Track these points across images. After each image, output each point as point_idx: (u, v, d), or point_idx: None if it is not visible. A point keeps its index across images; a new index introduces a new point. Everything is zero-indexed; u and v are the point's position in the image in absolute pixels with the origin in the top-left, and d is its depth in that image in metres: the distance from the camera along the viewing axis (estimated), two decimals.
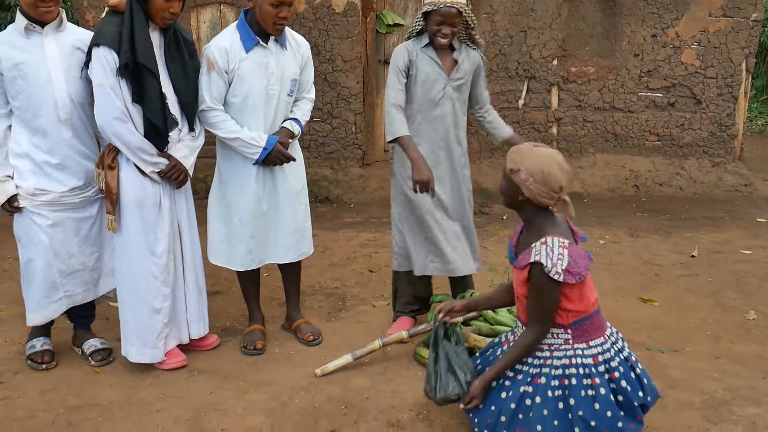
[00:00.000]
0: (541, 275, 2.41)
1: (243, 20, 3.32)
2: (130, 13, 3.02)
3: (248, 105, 3.34)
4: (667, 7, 6.57)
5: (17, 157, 3.20)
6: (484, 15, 6.62)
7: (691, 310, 4.07)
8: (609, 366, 2.50)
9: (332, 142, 6.71)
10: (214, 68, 3.24)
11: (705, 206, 6.35)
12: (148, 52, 3.06)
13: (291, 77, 3.42)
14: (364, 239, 5.47)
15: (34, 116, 3.14)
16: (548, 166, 2.43)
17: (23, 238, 3.30)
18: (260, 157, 3.33)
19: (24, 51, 3.09)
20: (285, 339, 3.72)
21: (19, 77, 3.09)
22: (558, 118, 6.84)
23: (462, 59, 3.51)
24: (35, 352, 3.41)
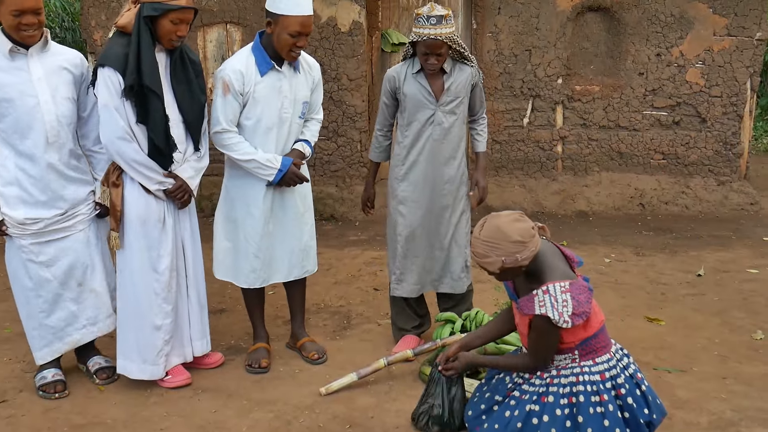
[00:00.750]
0: (546, 324, 2.42)
1: (258, 43, 3.34)
2: (137, 35, 3.04)
3: (261, 127, 3.36)
4: (671, 27, 6.59)
5: (5, 185, 3.13)
6: (489, 34, 6.65)
7: (697, 329, 4.04)
8: (615, 383, 2.49)
9: (337, 160, 6.73)
10: (229, 91, 3.26)
11: (711, 225, 6.33)
12: (154, 74, 3.07)
13: (303, 100, 3.45)
14: (369, 257, 5.47)
15: (21, 139, 3.09)
16: (504, 234, 2.40)
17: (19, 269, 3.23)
18: (275, 179, 3.34)
19: (8, 73, 3.03)
20: (290, 357, 3.71)
21: (5, 100, 3.03)
22: (563, 137, 6.85)
23: (451, 82, 3.52)
24: (46, 383, 3.32)
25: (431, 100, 3.50)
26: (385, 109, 3.63)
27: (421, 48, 3.39)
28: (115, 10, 6.57)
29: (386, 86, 3.58)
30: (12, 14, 2.91)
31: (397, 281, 3.70)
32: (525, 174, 6.93)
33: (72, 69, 3.18)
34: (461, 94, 3.57)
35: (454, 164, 3.63)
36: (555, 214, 6.69)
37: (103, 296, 3.36)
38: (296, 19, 3.19)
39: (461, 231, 3.70)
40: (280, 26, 3.20)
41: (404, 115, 3.57)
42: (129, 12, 3.10)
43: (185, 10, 3.06)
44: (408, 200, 3.62)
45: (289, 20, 3.19)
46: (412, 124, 3.56)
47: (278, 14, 3.20)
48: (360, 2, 6.47)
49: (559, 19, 6.62)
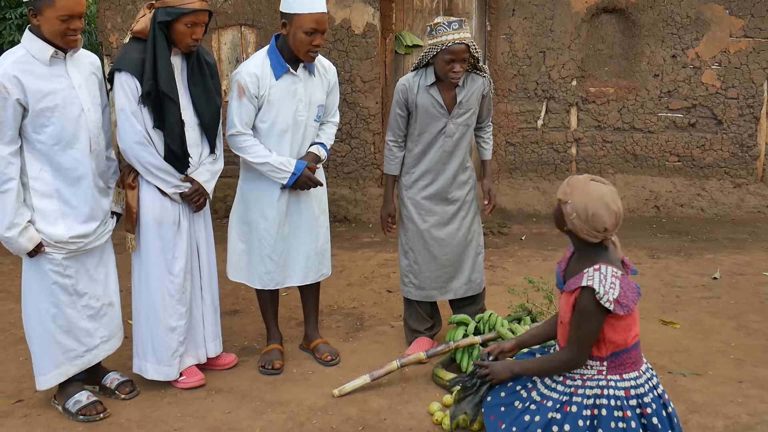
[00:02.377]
0: (590, 301, 2.37)
1: (273, 46, 3.35)
2: (153, 41, 3.05)
3: (276, 130, 3.37)
4: (686, 28, 6.55)
5: (42, 197, 2.96)
6: (503, 36, 6.64)
7: (713, 332, 4.01)
8: (641, 401, 2.45)
9: (351, 162, 6.74)
10: (245, 94, 3.27)
11: (727, 227, 6.28)
12: (170, 79, 3.08)
13: (318, 103, 3.46)
14: (382, 259, 5.47)
15: (64, 150, 2.95)
16: (594, 206, 2.36)
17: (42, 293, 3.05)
18: (289, 182, 3.36)
19: (50, 81, 2.90)
20: (303, 359, 3.72)
21: (48, 110, 2.88)
22: (577, 139, 6.82)
23: (464, 95, 3.51)
24: (85, 407, 3.12)
25: (443, 113, 3.50)
26: (399, 119, 3.58)
27: (444, 56, 3.33)
28: (131, 13, 6.62)
29: (398, 97, 3.55)
30: (60, 19, 2.80)
31: (409, 285, 3.70)
32: (539, 176, 6.90)
33: (97, 73, 3.15)
34: (473, 105, 3.56)
35: (465, 172, 3.64)
36: None
37: (118, 309, 3.31)
38: (311, 17, 3.20)
39: (473, 234, 3.70)
40: (295, 26, 3.22)
41: (415, 125, 3.56)
42: (144, 18, 3.11)
43: (199, 13, 3.07)
44: (418, 206, 3.62)
45: (303, 18, 3.20)
46: (423, 134, 3.56)
47: (292, 14, 3.21)
48: (374, 4, 6.48)
49: (574, 21, 6.59)
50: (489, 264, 5.11)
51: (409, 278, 3.70)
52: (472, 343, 3.40)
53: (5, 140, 2.85)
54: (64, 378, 3.13)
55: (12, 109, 2.82)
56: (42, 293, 3.05)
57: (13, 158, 2.86)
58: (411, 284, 3.70)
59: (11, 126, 2.84)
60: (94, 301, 3.15)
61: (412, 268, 3.68)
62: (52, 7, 2.79)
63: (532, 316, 3.69)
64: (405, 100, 3.54)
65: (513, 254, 5.60)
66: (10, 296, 4.70)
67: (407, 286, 3.71)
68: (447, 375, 3.33)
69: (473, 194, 3.70)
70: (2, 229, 2.87)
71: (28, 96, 2.84)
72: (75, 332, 3.11)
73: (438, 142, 3.55)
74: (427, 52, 3.42)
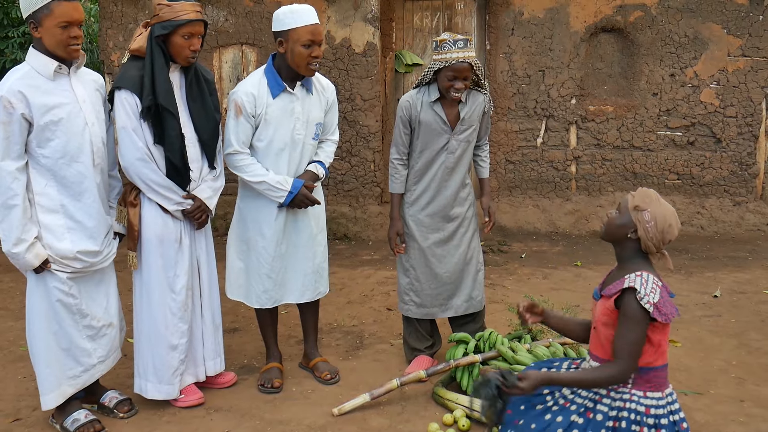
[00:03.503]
0: (632, 303, 2.39)
1: (271, 66, 3.36)
2: (151, 57, 3.08)
3: (273, 149, 3.38)
4: (685, 47, 6.59)
5: (47, 213, 2.96)
6: (502, 55, 6.68)
7: (714, 351, 4.00)
8: (658, 422, 2.44)
9: (351, 179, 6.76)
10: (242, 113, 3.28)
11: (727, 246, 6.28)
12: (169, 93, 3.10)
13: (316, 121, 3.46)
14: (382, 277, 5.46)
15: (69, 164, 2.96)
16: (671, 218, 2.45)
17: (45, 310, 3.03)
18: (286, 201, 3.36)
19: (55, 95, 2.91)
20: (302, 377, 3.70)
21: (53, 123, 2.89)
22: (577, 157, 6.84)
23: (466, 111, 3.53)
24: (82, 425, 3.10)
25: (446, 129, 3.52)
26: (402, 137, 3.60)
27: (447, 74, 3.37)
28: (132, 31, 6.67)
29: (402, 113, 3.57)
30: (60, 27, 2.82)
31: (410, 303, 3.69)
32: (539, 194, 6.92)
33: (101, 90, 3.18)
34: (475, 122, 3.58)
35: (465, 189, 3.66)
36: (569, 234, 6.67)
37: (117, 330, 3.29)
38: (306, 29, 3.23)
39: (473, 250, 3.71)
40: (292, 41, 3.24)
41: (417, 142, 3.58)
42: (140, 36, 3.13)
43: (194, 24, 3.09)
44: (419, 224, 3.63)
45: (299, 32, 3.22)
46: (424, 151, 3.57)
47: (287, 30, 3.24)
48: (374, 23, 6.53)
49: (573, 40, 6.64)
50: (489, 282, 5.10)
51: (409, 296, 3.69)
52: (472, 362, 3.39)
53: (12, 155, 2.86)
54: (63, 399, 3.11)
55: (18, 124, 2.84)
56: (46, 311, 3.04)
57: (19, 174, 2.88)
58: (411, 302, 3.69)
59: (17, 141, 2.86)
60: (95, 321, 3.14)
61: (413, 286, 3.67)
62: (50, 16, 2.81)
63: (533, 335, 3.68)
64: (408, 117, 3.56)
65: (513, 272, 5.59)
66: (10, 314, 4.69)
67: (407, 304, 3.71)
68: (447, 394, 3.31)
69: (473, 211, 3.71)
70: (9, 245, 2.88)
71: (33, 110, 2.85)
72: (74, 351, 3.10)
73: (440, 159, 3.56)
74: (431, 68, 3.45)
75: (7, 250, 2.89)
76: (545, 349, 3.35)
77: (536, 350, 3.33)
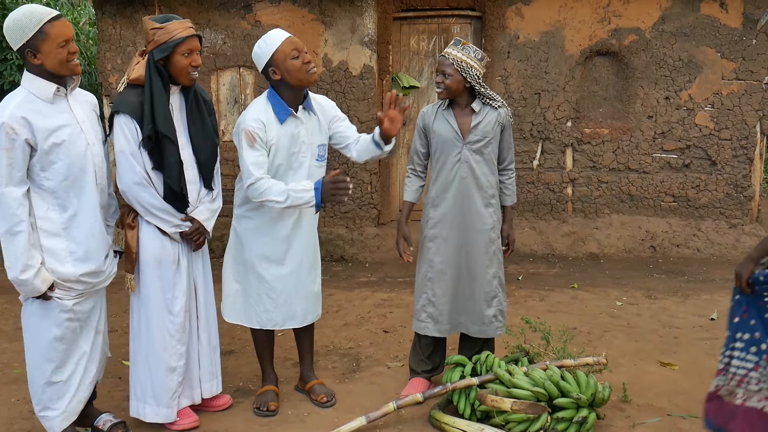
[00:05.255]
0: None
1: (273, 92, 3.36)
2: (150, 84, 3.08)
3: (279, 175, 3.36)
4: (679, 71, 6.65)
5: (50, 237, 2.96)
6: (498, 78, 6.73)
7: (712, 374, 3.94)
8: None
9: (348, 201, 6.76)
10: (255, 140, 3.25)
11: (723, 268, 6.28)
12: (168, 120, 3.11)
13: (318, 143, 3.46)
14: (378, 299, 5.45)
15: (71, 186, 2.96)
16: None
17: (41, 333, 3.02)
18: (317, 199, 3.26)
19: (55, 118, 2.91)
20: (298, 400, 3.68)
21: (56, 146, 2.89)
22: (573, 179, 6.86)
23: (479, 121, 3.54)
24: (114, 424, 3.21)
25: (458, 138, 3.53)
26: (418, 147, 3.65)
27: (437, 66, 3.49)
28: (130, 54, 6.71)
29: (419, 124, 3.64)
30: (60, 45, 2.84)
31: (425, 319, 3.64)
32: (535, 216, 6.93)
33: (96, 110, 3.19)
34: (489, 134, 3.55)
35: (489, 210, 3.59)
36: (565, 257, 6.67)
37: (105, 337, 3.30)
38: (285, 43, 3.26)
39: (494, 275, 3.64)
40: (281, 62, 3.25)
41: (435, 155, 3.60)
42: (139, 65, 3.13)
43: (192, 39, 3.10)
44: (437, 238, 3.61)
45: (280, 51, 3.25)
46: (441, 162, 3.58)
47: (271, 56, 3.26)
48: (371, 46, 6.58)
49: (568, 63, 6.69)
50: None
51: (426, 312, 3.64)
52: (469, 385, 3.37)
53: (15, 181, 2.85)
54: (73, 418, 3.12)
55: (21, 150, 2.83)
56: (44, 336, 3.02)
57: (24, 200, 2.87)
58: (428, 317, 3.64)
59: (20, 167, 2.85)
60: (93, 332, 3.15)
61: (427, 301, 3.63)
62: (47, 39, 2.82)
63: (530, 357, 3.67)
64: (424, 127, 3.62)
65: (510, 294, 5.58)
66: (4, 335, 4.67)
67: (423, 319, 3.65)
68: (444, 417, 3.29)
69: (497, 234, 3.65)
70: (17, 272, 2.85)
71: (37, 135, 2.85)
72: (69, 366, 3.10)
73: (454, 170, 3.54)
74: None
75: (14, 277, 2.86)
76: (542, 372, 3.33)
77: (533, 373, 3.32)
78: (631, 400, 3.59)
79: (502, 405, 3.14)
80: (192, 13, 6.60)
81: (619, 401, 3.58)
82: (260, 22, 6.63)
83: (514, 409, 3.13)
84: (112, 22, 6.74)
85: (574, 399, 3.17)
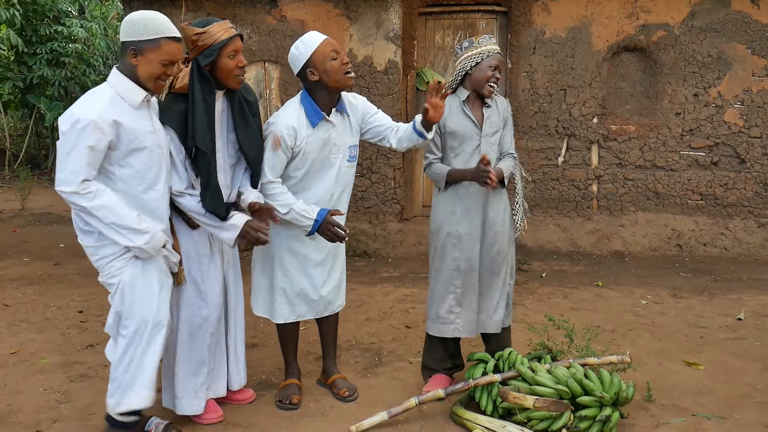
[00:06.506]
0: None
1: (306, 95, 3.36)
2: (193, 92, 3.04)
3: (311, 176, 3.38)
4: (708, 67, 6.56)
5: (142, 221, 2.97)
6: (524, 74, 6.69)
7: (738, 375, 3.93)
8: None
9: (371, 196, 6.77)
10: (280, 146, 3.27)
11: (751, 267, 6.19)
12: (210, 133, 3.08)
13: (349, 145, 3.47)
14: (401, 294, 5.45)
15: (146, 189, 2.96)
16: None
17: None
18: (312, 230, 3.34)
19: (139, 123, 2.91)
20: (320, 394, 3.69)
21: (138, 151, 2.90)
22: (598, 176, 6.80)
23: (491, 112, 3.55)
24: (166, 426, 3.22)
25: (477, 131, 3.53)
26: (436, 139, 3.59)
27: (490, 62, 3.44)
28: None
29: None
30: (162, 63, 2.86)
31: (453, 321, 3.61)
32: (560, 213, 6.88)
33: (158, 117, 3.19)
34: (499, 125, 3.60)
35: (502, 199, 3.63)
36: (590, 254, 6.62)
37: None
38: (324, 45, 3.26)
39: (509, 266, 3.68)
40: (320, 62, 3.26)
41: (452, 149, 3.57)
42: (183, 73, 3.12)
43: (235, 39, 3.07)
44: (461, 235, 3.58)
45: (320, 51, 3.25)
46: (459, 155, 3.56)
47: (310, 57, 3.26)
48: (396, 42, 6.57)
49: (595, 59, 6.63)
50: None
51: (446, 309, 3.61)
52: (491, 382, 3.36)
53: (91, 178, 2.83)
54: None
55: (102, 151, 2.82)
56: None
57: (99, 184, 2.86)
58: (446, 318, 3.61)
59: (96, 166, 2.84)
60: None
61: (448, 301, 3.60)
62: (157, 51, 2.85)
63: (553, 355, 3.64)
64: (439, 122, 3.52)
65: (533, 291, 5.55)
66: (32, 326, 4.74)
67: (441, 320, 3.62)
68: (466, 413, 3.29)
69: (509, 225, 3.68)
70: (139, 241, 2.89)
71: (122, 138, 2.85)
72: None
73: (473, 162, 3.53)
74: (468, 61, 3.47)
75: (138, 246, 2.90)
76: (565, 369, 3.31)
77: (556, 370, 3.30)
78: (656, 399, 3.56)
79: (525, 402, 3.13)
80: (218, 9, 6.64)
81: (643, 400, 3.54)
82: (285, 17, 6.65)
83: (536, 407, 3.11)
84: None
85: (598, 397, 3.15)
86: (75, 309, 5.08)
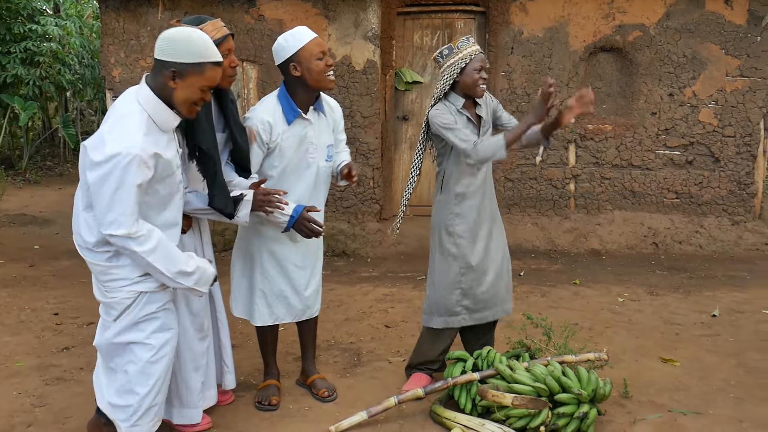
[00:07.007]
0: None
1: (284, 91, 3.35)
2: None
3: (288, 175, 3.37)
4: (683, 67, 6.63)
5: None
6: (502, 73, 6.72)
7: (713, 371, 3.98)
8: None
9: (350, 196, 6.76)
10: (255, 140, 3.27)
11: (725, 265, 6.28)
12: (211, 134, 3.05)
13: (326, 144, 3.47)
14: (380, 294, 5.45)
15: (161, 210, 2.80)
16: None
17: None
18: (288, 225, 3.30)
19: (168, 150, 2.72)
20: (300, 394, 3.68)
21: (168, 176, 2.74)
22: (575, 175, 6.85)
23: (483, 110, 3.61)
24: None
25: (476, 131, 3.57)
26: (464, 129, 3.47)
27: (475, 65, 3.44)
28: (134, 47, 6.70)
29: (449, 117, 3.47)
30: (202, 89, 2.69)
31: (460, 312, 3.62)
32: (537, 212, 6.93)
33: None
34: (490, 122, 3.67)
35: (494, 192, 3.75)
36: (567, 252, 6.67)
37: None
38: (312, 43, 3.25)
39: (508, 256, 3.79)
40: (305, 60, 3.24)
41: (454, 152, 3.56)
42: None
43: (228, 39, 3.04)
44: (466, 234, 3.59)
45: (307, 49, 3.24)
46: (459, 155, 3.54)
47: (296, 52, 3.24)
48: (374, 41, 6.57)
49: (572, 59, 6.68)
50: None
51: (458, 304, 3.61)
52: (470, 380, 3.38)
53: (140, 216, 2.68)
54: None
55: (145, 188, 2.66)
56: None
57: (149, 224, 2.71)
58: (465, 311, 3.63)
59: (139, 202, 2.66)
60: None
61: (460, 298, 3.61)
62: (199, 76, 2.67)
63: (531, 353, 3.67)
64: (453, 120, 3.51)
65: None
66: (6, 329, 4.68)
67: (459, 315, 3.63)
68: (445, 412, 3.30)
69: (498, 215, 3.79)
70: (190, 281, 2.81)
71: (158, 169, 2.67)
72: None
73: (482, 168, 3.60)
74: (453, 68, 3.45)
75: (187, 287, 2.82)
76: (543, 367, 3.34)
77: (534, 368, 3.32)
78: (632, 396, 3.60)
79: (503, 400, 3.14)
80: (195, 7, 6.59)
81: (620, 397, 3.58)
82: (263, 16, 6.62)
83: (515, 404, 3.13)
84: (115, 15, 6.73)
85: (575, 395, 3.17)
86: (50, 311, 5.02)
